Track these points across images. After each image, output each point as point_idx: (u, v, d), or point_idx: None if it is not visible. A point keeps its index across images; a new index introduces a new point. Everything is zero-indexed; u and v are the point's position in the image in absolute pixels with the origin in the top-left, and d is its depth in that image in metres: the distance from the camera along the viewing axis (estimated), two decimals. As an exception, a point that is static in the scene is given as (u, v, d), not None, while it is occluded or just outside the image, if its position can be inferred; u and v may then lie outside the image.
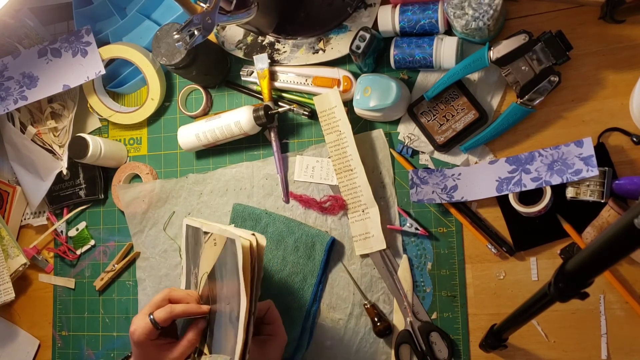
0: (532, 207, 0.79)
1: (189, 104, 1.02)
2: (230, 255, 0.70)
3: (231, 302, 0.71)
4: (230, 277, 0.71)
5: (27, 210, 1.10)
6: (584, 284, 0.52)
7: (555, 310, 0.64)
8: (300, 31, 0.92)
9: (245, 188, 0.96)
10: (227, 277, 0.72)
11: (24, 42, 1.06)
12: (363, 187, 0.87)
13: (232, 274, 0.70)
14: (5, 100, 1.03)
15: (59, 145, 1.06)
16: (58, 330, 1.06)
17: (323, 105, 0.89)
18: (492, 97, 0.85)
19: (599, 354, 0.78)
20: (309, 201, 0.91)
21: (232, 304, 0.70)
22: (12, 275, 1.04)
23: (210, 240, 0.77)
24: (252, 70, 0.97)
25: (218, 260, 0.74)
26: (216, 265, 0.75)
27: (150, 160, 1.03)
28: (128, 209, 1.01)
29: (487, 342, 0.78)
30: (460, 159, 0.86)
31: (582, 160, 0.76)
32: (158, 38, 0.91)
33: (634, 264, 0.77)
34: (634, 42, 0.79)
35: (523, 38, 0.78)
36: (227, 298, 0.72)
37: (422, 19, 0.84)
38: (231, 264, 0.70)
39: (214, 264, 0.75)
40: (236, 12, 0.82)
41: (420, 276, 0.86)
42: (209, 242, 0.77)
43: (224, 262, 0.72)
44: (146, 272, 1.00)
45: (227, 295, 0.72)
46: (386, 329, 0.85)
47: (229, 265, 0.71)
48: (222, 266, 0.73)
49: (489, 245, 0.83)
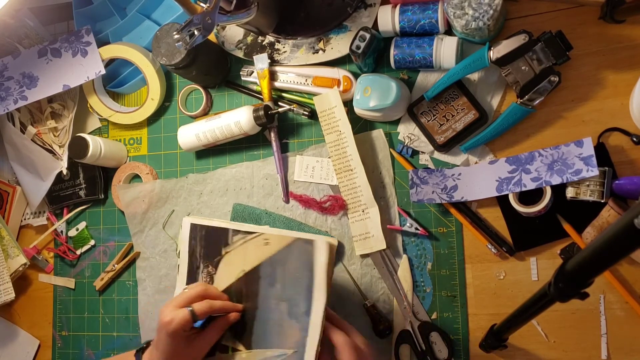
0: (532, 207, 0.79)
1: (189, 104, 1.02)
2: (299, 254, 0.77)
3: (293, 298, 0.76)
4: (293, 275, 0.77)
5: (27, 210, 1.10)
6: (584, 284, 0.52)
7: (555, 310, 0.64)
8: (300, 31, 0.92)
9: (245, 188, 0.96)
10: (288, 275, 0.77)
11: (24, 42, 1.06)
12: (363, 187, 0.87)
13: (298, 272, 0.77)
14: (5, 100, 1.03)
15: (59, 145, 1.06)
16: (58, 330, 1.06)
17: (323, 105, 0.89)
18: (492, 97, 0.85)
19: (599, 354, 0.78)
20: (308, 201, 0.91)
21: (296, 300, 0.76)
22: (12, 275, 1.04)
23: (256, 240, 0.80)
24: (252, 70, 0.97)
25: (270, 259, 0.79)
26: (264, 263, 0.79)
27: (150, 160, 1.03)
28: (128, 209, 1.01)
29: (487, 342, 0.78)
30: (460, 159, 0.86)
31: (582, 160, 0.76)
32: (158, 38, 0.91)
33: (634, 264, 0.77)
34: (634, 42, 0.79)
35: (523, 38, 0.78)
36: (283, 295, 0.77)
37: (422, 19, 0.84)
38: (299, 263, 0.77)
39: (260, 262, 0.79)
40: (236, 12, 0.82)
41: (420, 276, 0.86)
42: (253, 242, 0.81)
43: (282, 261, 0.78)
44: (146, 272, 1.00)
45: (282, 292, 0.77)
46: (386, 329, 0.85)
47: (293, 264, 0.77)
48: (276, 265, 0.78)
49: (489, 245, 0.83)
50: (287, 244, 0.79)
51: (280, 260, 0.79)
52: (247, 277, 0.80)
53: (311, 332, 0.74)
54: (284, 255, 0.78)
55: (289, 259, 0.78)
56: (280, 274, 0.79)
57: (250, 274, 0.80)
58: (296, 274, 0.78)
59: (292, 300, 0.77)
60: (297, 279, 0.77)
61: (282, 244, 0.79)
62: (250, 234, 0.81)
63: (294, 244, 0.78)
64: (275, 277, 0.79)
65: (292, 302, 0.77)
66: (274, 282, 0.79)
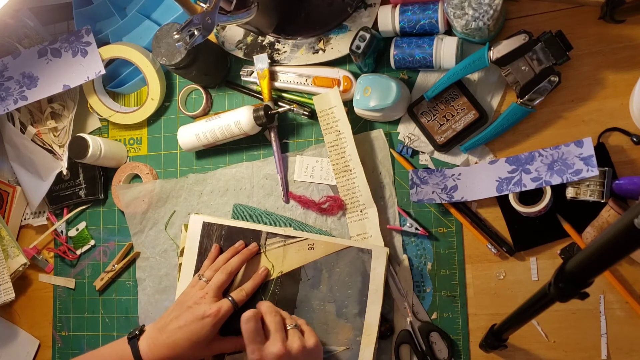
0: (532, 207, 0.79)
1: (189, 104, 1.02)
2: (352, 261, 0.84)
3: (342, 301, 0.83)
4: (343, 279, 0.84)
5: (27, 210, 1.10)
6: (584, 284, 0.52)
7: (555, 310, 0.64)
8: (300, 31, 0.92)
9: (245, 188, 0.96)
10: (336, 279, 0.84)
11: (24, 42, 1.06)
12: (362, 187, 0.87)
13: (349, 277, 0.84)
14: (5, 100, 1.03)
15: (59, 145, 1.06)
16: (58, 330, 1.06)
17: (322, 105, 0.89)
18: (492, 97, 0.85)
19: (599, 354, 0.78)
20: (307, 202, 0.91)
21: (346, 303, 0.83)
22: (12, 275, 1.04)
23: (298, 244, 0.86)
24: (252, 70, 0.97)
25: (314, 263, 0.85)
26: (307, 266, 0.85)
27: (150, 160, 1.03)
28: (128, 209, 1.01)
29: (487, 342, 0.78)
30: (460, 159, 0.86)
31: (582, 160, 0.76)
32: (158, 38, 0.91)
33: (634, 264, 0.77)
34: (634, 42, 0.79)
35: (523, 38, 0.78)
36: (330, 297, 0.84)
37: (422, 19, 0.84)
38: (351, 269, 0.84)
39: (302, 265, 0.85)
40: (236, 12, 0.82)
41: (420, 276, 0.86)
42: (294, 246, 0.87)
43: (329, 266, 0.85)
44: (146, 272, 1.00)
45: (329, 295, 0.84)
46: (388, 331, 0.85)
47: (343, 270, 0.84)
48: (322, 268, 0.85)
49: (489, 245, 0.83)
50: (337, 250, 0.85)
51: (326, 264, 0.85)
52: (284, 278, 0.85)
53: (366, 331, 0.82)
54: (331, 260, 0.85)
55: (338, 265, 0.84)
56: (326, 278, 0.85)
57: (288, 276, 0.86)
58: (346, 279, 0.84)
59: (341, 302, 0.84)
60: (347, 284, 0.84)
61: (331, 250, 0.85)
62: (292, 238, 0.87)
63: (345, 251, 0.84)
64: (320, 279, 0.85)
65: (341, 304, 0.83)
66: (317, 284, 0.85)
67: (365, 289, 0.82)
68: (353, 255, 0.84)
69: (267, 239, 0.86)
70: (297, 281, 0.85)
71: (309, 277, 0.85)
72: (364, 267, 0.83)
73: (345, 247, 0.84)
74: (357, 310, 0.83)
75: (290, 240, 0.87)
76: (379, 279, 0.82)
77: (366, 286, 0.82)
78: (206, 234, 0.88)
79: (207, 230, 0.87)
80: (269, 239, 0.87)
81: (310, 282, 0.85)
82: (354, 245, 0.84)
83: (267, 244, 0.86)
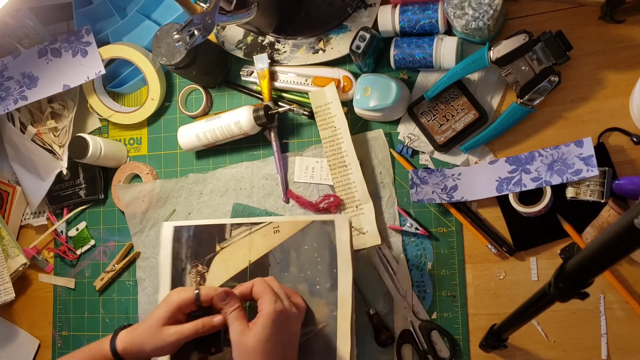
0: (532, 207, 0.79)
1: (189, 104, 1.02)
2: (317, 236, 0.81)
3: (313, 278, 0.81)
4: (310, 256, 0.81)
5: (27, 210, 1.10)
6: (584, 284, 0.52)
7: (555, 310, 0.64)
8: (300, 31, 0.92)
9: (245, 188, 0.96)
10: (303, 257, 0.82)
11: (24, 42, 1.06)
12: (358, 183, 0.87)
13: (317, 252, 0.81)
14: (5, 100, 1.03)
15: (59, 145, 1.06)
16: (58, 330, 1.06)
17: (318, 101, 0.89)
18: (492, 97, 0.85)
19: (599, 354, 0.78)
20: (305, 204, 0.91)
21: (317, 279, 0.80)
22: (12, 275, 1.04)
23: (263, 229, 0.84)
24: (252, 70, 0.97)
25: (280, 246, 0.83)
26: (274, 251, 0.83)
27: (150, 160, 1.03)
28: (128, 209, 1.01)
29: (487, 342, 0.78)
30: (460, 159, 0.86)
31: (582, 160, 0.76)
32: (158, 38, 0.91)
33: (634, 264, 0.77)
34: (634, 42, 0.79)
35: (523, 38, 0.78)
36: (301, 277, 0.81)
37: (422, 19, 0.84)
38: (317, 244, 0.81)
39: (269, 250, 0.83)
40: (236, 12, 0.82)
41: (420, 276, 0.86)
42: (259, 232, 0.84)
43: (295, 245, 0.82)
44: (146, 272, 1.00)
45: (299, 275, 0.81)
46: (388, 339, 0.85)
47: (309, 247, 0.81)
48: (289, 250, 0.82)
49: (489, 245, 0.83)
50: (301, 228, 0.82)
51: (292, 245, 0.82)
52: (253, 267, 0.83)
53: (341, 304, 0.79)
54: (297, 239, 0.82)
55: (304, 242, 0.82)
56: (294, 258, 0.82)
57: (257, 264, 0.83)
58: (314, 255, 0.81)
59: (313, 280, 0.81)
60: (316, 259, 0.81)
61: (295, 229, 0.83)
62: (257, 225, 0.84)
63: (309, 227, 0.82)
64: (288, 261, 0.82)
65: (313, 282, 0.81)
66: (286, 266, 0.82)
67: (334, 261, 0.80)
68: (317, 230, 0.82)
69: (232, 231, 0.85)
70: (266, 268, 0.83)
71: (277, 261, 0.82)
72: (329, 239, 0.81)
73: (309, 222, 0.82)
74: (329, 285, 0.80)
75: (255, 227, 0.84)
76: (345, 247, 0.80)
77: (334, 258, 0.80)
78: (176, 237, 0.87)
79: (177, 234, 0.86)
80: (234, 230, 0.85)
81: (279, 266, 0.82)
82: (317, 219, 0.82)
83: (232, 235, 0.85)
